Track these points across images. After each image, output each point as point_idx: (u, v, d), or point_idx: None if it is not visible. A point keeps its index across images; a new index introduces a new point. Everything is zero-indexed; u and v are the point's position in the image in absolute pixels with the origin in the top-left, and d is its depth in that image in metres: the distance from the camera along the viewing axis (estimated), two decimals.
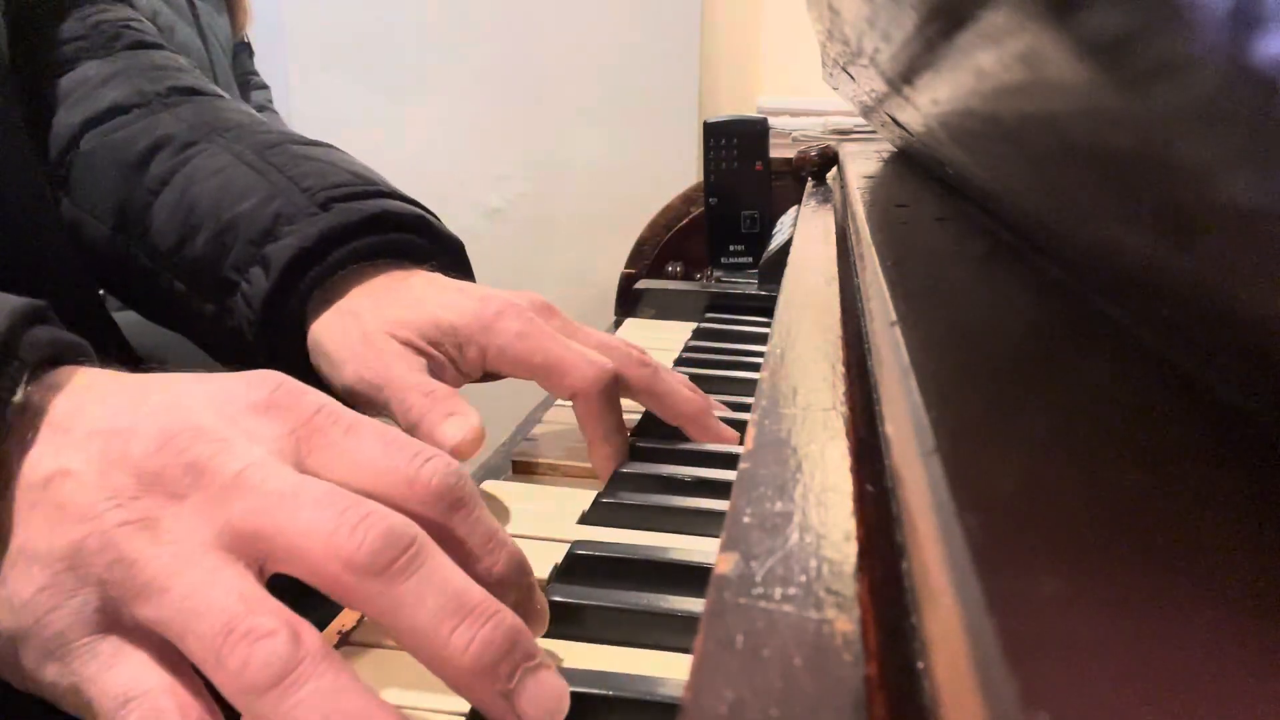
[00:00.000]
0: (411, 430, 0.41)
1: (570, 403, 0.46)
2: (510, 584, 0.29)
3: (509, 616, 0.26)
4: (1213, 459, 0.17)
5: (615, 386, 0.45)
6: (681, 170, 1.71)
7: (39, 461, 0.27)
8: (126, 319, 0.79)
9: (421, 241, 0.50)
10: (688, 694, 0.17)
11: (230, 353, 0.52)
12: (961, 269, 0.35)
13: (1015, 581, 0.13)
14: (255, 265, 0.47)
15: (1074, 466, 0.17)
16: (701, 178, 0.88)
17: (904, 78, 0.34)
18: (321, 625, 0.34)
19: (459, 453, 0.39)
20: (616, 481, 0.44)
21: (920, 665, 0.16)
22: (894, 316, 0.27)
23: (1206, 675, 0.11)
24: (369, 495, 0.27)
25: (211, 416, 0.28)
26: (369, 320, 0.45)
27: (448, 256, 0.51)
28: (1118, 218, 0.18)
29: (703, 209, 0.89)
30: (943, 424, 0.19)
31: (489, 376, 0.47)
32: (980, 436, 0.19)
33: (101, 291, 0.60)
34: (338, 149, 0.55)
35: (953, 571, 0.14)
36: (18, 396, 0.27)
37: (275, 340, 0.48)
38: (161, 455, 0.27)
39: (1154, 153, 0.14)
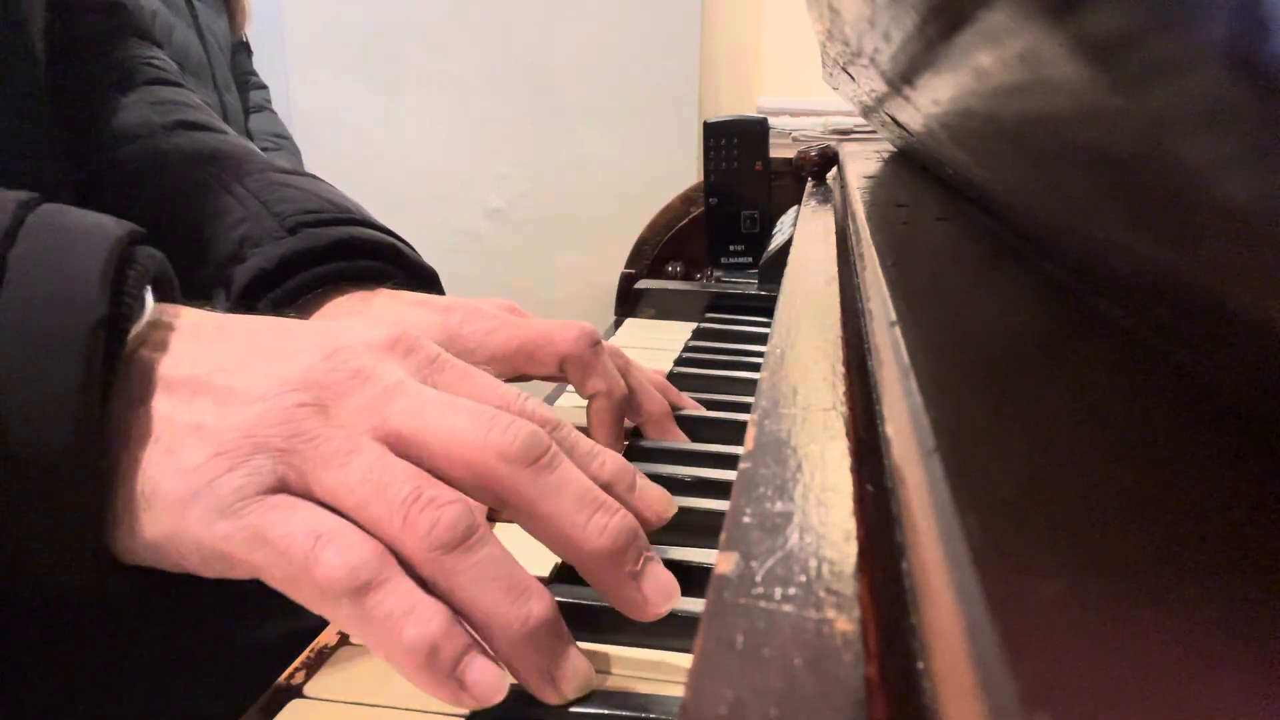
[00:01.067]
0: None
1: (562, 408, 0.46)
2: (617, 482, 0.32)
3: (630, 514, 0.30)
4: (1213, 459, 0.17)
5: (601, 344, 0.46)
6: (681, 170, 1.71)
7: (197, 360, 0.29)
8: None
9: (390, 269, 0.50)
10: (688, 694, 0.17)
11: None
12: (961, 269, 0.35)
13: (1015, 581, 0.13)
14: (219, 287, 0.48)
15: (1074, 466, 0.17)
16: (701, 178, 0.88)
17: (904, 78, 0.34)
18: (322, 625, 0.34)
19: None
20: None
21: (920, 665, 0.16)
22: (894, 316, 0.27)
23: (1207, 675, 0.11)
24: None
25: (357, 344, 0.30)
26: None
27: (419, 287, 0.51)
28: (1118, 218, 0.18)
29: (703, 209, 0.89)
30: (943, 424, 0.19)
31: None
32: (980, 436, 0.19)
33: None
34: (324, 181, 0.56)
35: (953, 571, 0.14)
36: (149, 306, 0.29)
37: None
38: (328, 363, 0.29)
39: (1154, 153, 0.14)
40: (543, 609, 0.27)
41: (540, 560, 0.35)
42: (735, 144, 0.86)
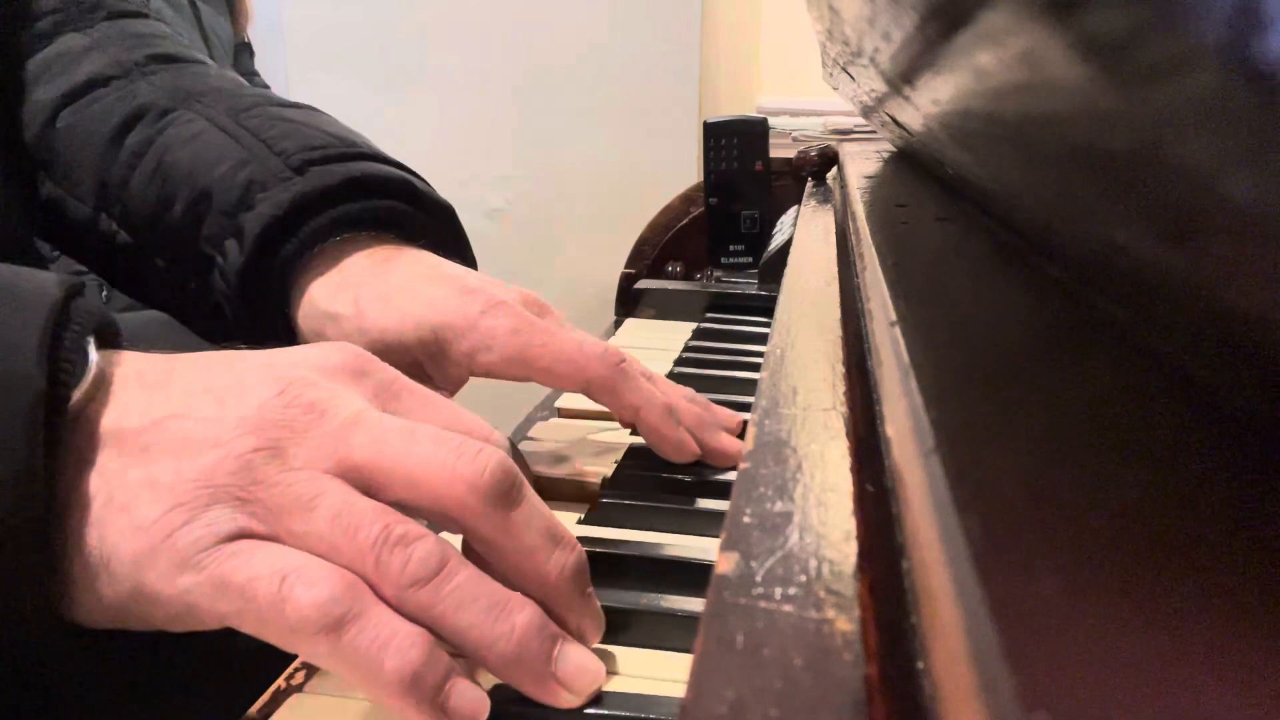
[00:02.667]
0: None
1: (558, 419, 0.45)
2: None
3: (581, 549, 0.30)
4: (1213, 459, 0.17)
5: (629, 362, 0.43)
6: (681, 170, 1.71)
7: (145, 410, 0.28)
8: (129, 319, 0.78)
9: (406, 207, 0.47)
10: (688, 694, 0.17)
11: (219, 334, 0.50)
12: (961, 269, 0.35)
13: (1015, 581, 0.13)
14: (230, 237, 0.45)
15: (1074, 466, 0.17)
16: (701, 178, 0.88)
17: (904, 78, 0.34)
18: None
19: None
20: (616, 482, 0.44)
21: (920, 665, 0.16)
22: (894, 316, 0.27)
23: (1207, 675, 0.11)
24: None
25: (312, 375, 0.29)
26: (349, 328, 0.43)
27: (437, 224, 0.49)
28: (1118, 218, 0.18)
29: (703, 209, 0.89)
30: (943, 424, 0.19)
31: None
32: (980, 436, 0.19)
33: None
34: (321, 111, 0.52)
35: (953, 571, 0.14)
36: (92, 362, 0.28)
37: (256, 318, 0.46)
38: (281, 399, 0.28)
39: (1154, 153, 0.14)
40: (526, 619, 0.27)
41: None
42: (735, 144, 0.86)
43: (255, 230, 0.44)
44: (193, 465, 0.27)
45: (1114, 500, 0.16)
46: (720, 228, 0.88)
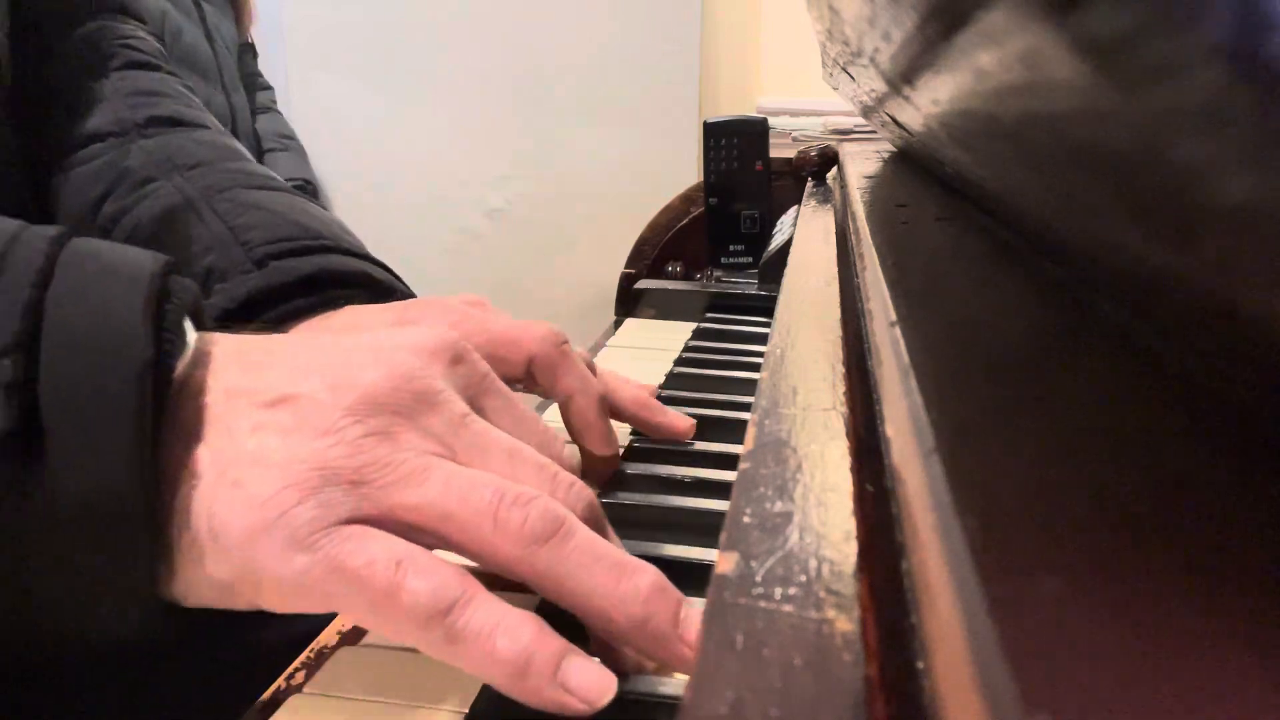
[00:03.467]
0: None
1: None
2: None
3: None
4: (1213, 459, 0.17)
5: (569, 344, 0.43)
6: (681, 170, 1.71)
7: (254, 389, 0.28)
8: None
9: (360, 294, 0.47)
10: (688, 694, 0.17)
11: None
12: (961, 269, 0.35)
13: (1015, 581, 0.13)
14: None
15: (1074, 466, 0.17)
16: (701, 178, 0.88)
17: (904, 78, 0.34)
18: (318, 629, 0.34)
19: None
20: (616, 482, 0.44)
21: (920, 665, 0.16)
22: (894, 316, 0.27)
23: (1207, 675, 0.11)
24: None
25: (415, 360, 0.30)
26: None
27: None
28: (1118, 218, 0.18)
29: (703, 209, 0.89)
30: (943, 424, 0.19)
31: None
32: (980, 436, 0.19)
33: None
34: (299, 197, 0.53)
35: (953, 571, 0.14)
36: (190, 337, 0.28)
37: None
38: (390, 382, 0.28)
39: (1154, 153, 0.14)
40: (650, 580, 0.27)
41: None
42: (735, 144, 0.86)
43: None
44: (305, 448, 0.27)
45: (1114, 500, 0.16)
46: (720, 228, 0.88)
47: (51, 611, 0.26)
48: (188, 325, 0.28)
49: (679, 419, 0.48)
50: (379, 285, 0.49)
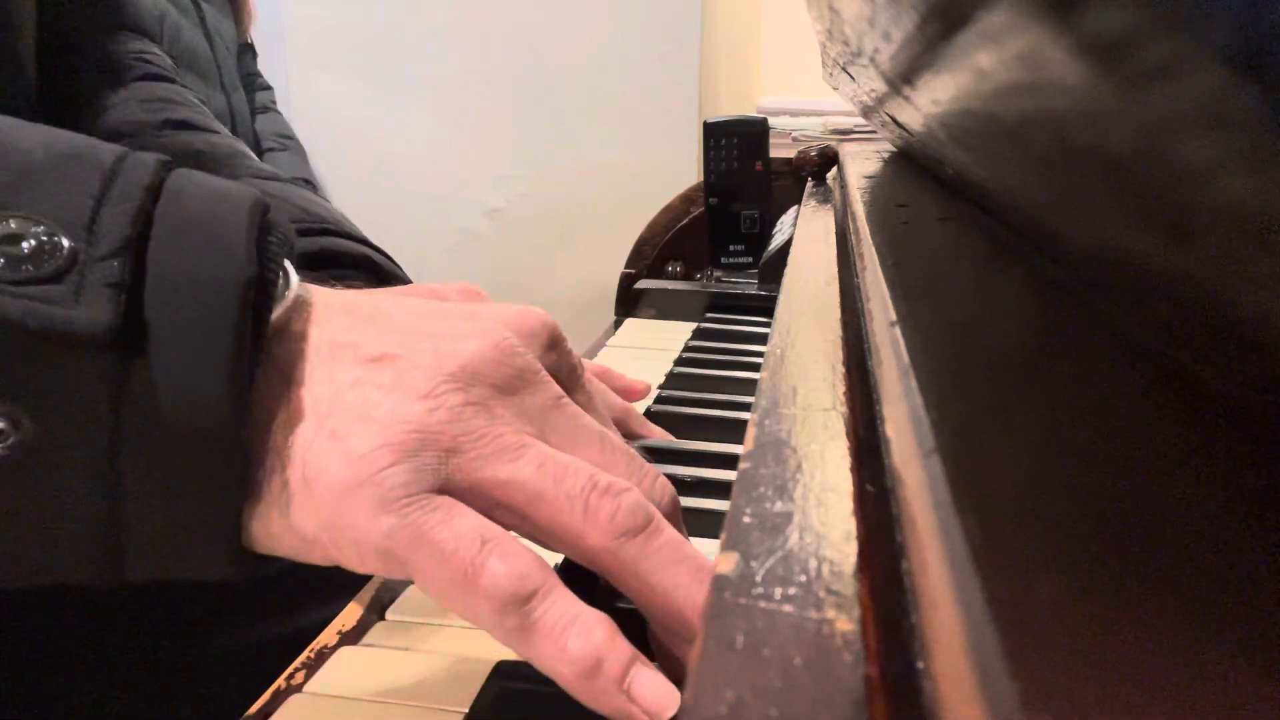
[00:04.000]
0: None
1: None
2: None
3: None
4: (1213, 459, 0.17)
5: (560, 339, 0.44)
6: (681, 170, 1.71)
7: (358, 343, 0.28)
8: None
9: (364, 278, 0.48)
10: (688, 694, 0.17)
11: None
12: (961, 269, 0.35)
13: (1015, 581, 0.13)
14: None
15: (1074, 466, 0.17)
16: (701, 178, 0.88)
17: (904, 78, 0.34)
18: (322, 625, 0.34)
19: None
20: None
21: (920, 665, 0.16)
22: (894, 316, 0.27)
23: (1206, 675, 0.11)
24: None
25: (516, 338, 0.30)
26: None
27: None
28: (1118, 218, 0.18)
29: (703, 209, 0.89)
30: (943, 424, 0.19)
31: None
32: (980, 436, 0.19)
33: None
34: (304, 189, 0.54)
35: (953, 571, 0.14)
36: (292, 277, 0.28)
37: None
38: (493, 355, 0.28)
39: (1154, 153, 0.14)
40: None
41: None
42: (735, 144, 0.86)
43: None
44: (406, 409, 0.26)
45: (1113, 500, 0.16)
46: (720, 228, 0.88)
47: (140, 530, 0.25)
48: (290, 268, 0.28)
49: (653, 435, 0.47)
50: (379, 269, 0.50)
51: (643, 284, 0.85)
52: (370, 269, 0.49)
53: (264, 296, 0.26)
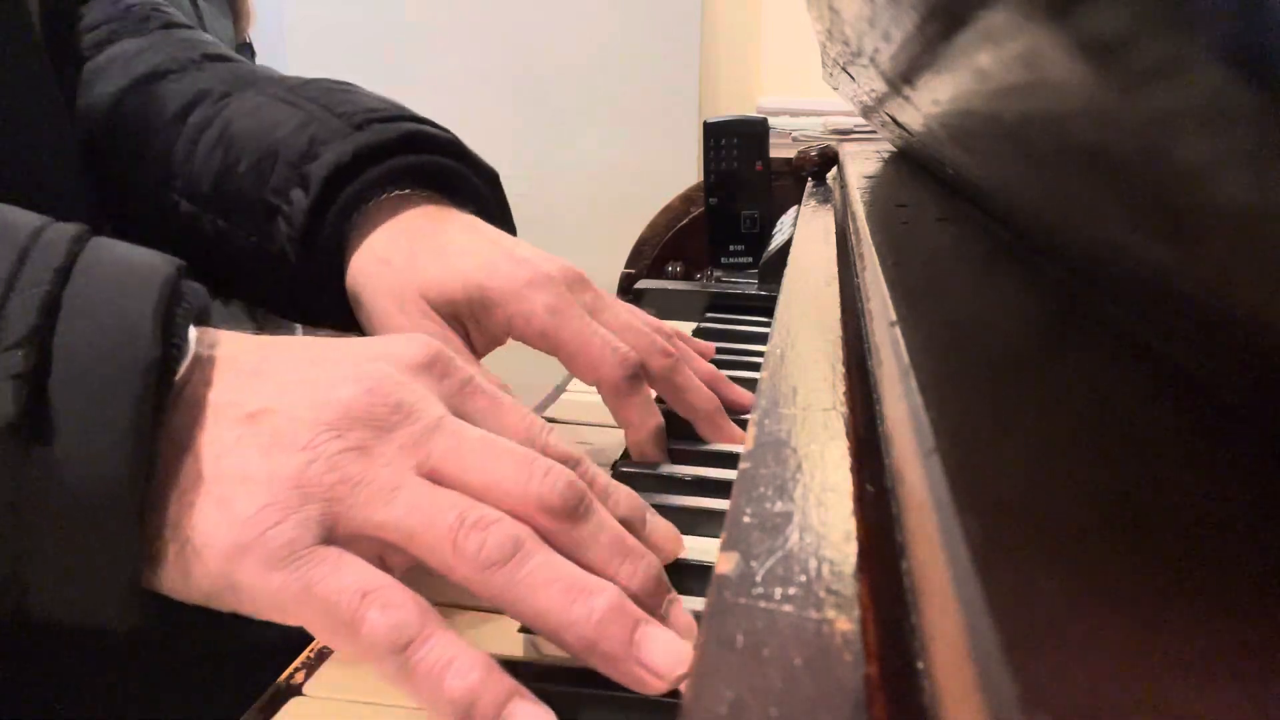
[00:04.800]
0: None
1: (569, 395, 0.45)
2: (632, 517, 0.33)
3: (654, 558, 0.31)
4: (1213, 459, 0.17)
5: (640, 375, 0.45)
6: (681, 170, 1.71)
7: (240, 401, 0.29)
8: None
9: (456, 165, 0.50)
10: (688, 694, 0.17)
11: (269, 289, 0.52)
12: (961, 269, 0.35)
13: (1015, 581, 0.13)
14: (295, 186, 0.48)
15: (1074, 466, 0.17)
16: (701, 178, 0.88)
17: (904, 78, 0.34)
18: None
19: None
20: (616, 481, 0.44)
21: (920, 665, 0.16)
22: (894, 316, 0.27)
23: (1206, 675, 0.11)
24: None
25: (395, 371, 0.30)
26: (404, 275, 0.45)
27: (484, 187, 0.52)
28: (1118, 218, 0.18)
29: (703, 209, 0.89)
30: (943, 424, 0.19)
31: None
32: (980, 436, 0.19)
33: None
34: (371, 92, 0.56)
35: (953, 571, 0.14)
36: (192, 340, 0.29)
37: (317, 261, 0.48)
38: (370, 397, 0.29)
39: (1154, 153, 0.14)
40: (606, 601, 0.27)
41: None
42: (735, 144, 0.86)
43: (321, 175, 0.46)
44: (285, 464, 0.27)
45: (1113, 500, 0.16)
46: (720, 228, 0.88)
47: (42, 597, 0.27)
48: (192, 332, 0.29)
49: (735, 432, 0.47)
50: (470, 157, 0.51)
51: (643, 284, 0.85)
52: (460, 155, 0.50)
53: (167, 373, 0.27)
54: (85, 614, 0.28)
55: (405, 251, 0.46)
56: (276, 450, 0.28)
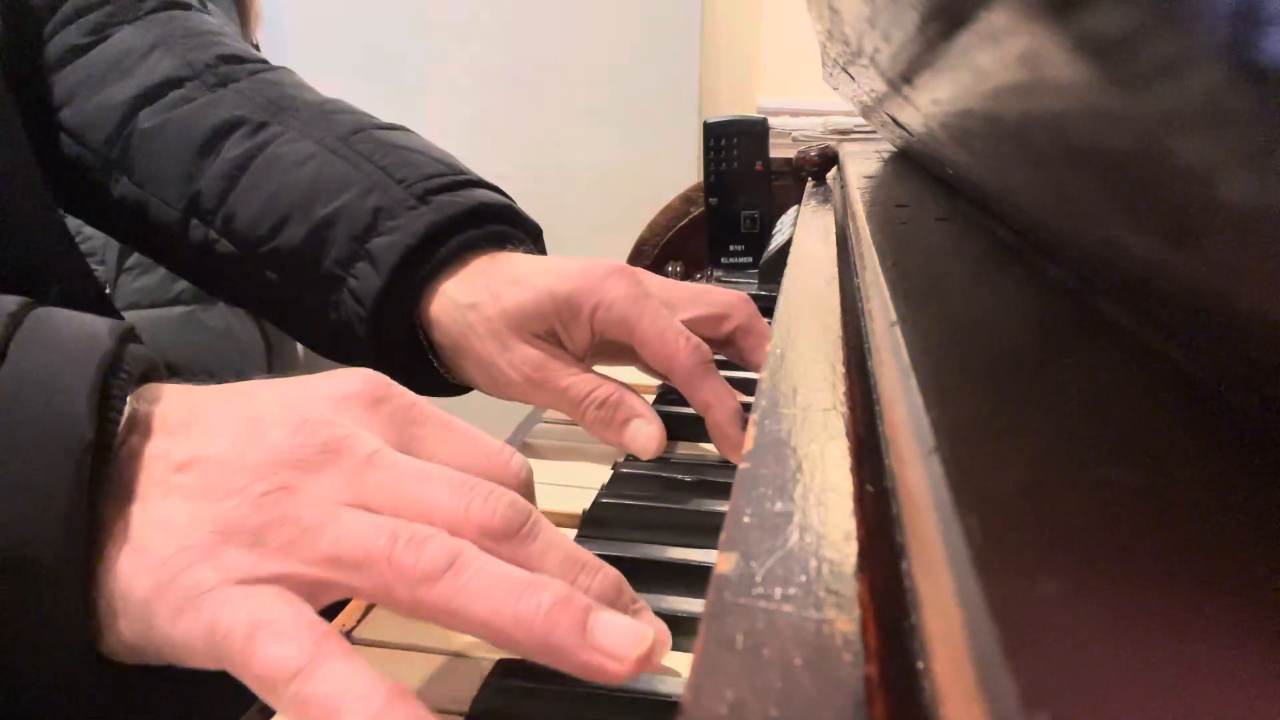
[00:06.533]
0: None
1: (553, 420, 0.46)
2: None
3: (611, 569, 0.30)
4: (1213, 459, 0.17)
5: (711, 361, 0.46)
6: (681, 170, 1.71)
7: (168, 453, 0.29)
8: (136, 318, 0.76)
9: (515, 232, 0.51)
10: (688, 694, 0.17)
11: (328, 340, 0.52)
12: (961, 269, 0.35)
13: (1015, 581, 0.13)
14: (361, 261, 0.48)
15: (1074, 466, 0.17)
16: (701, 178, 0.88)
17: (904, 78, 0.34)
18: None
19: (646, 455, 0.45)
20: (617, 482, 0.44)
21: (920, 665, 0.16)
22: (894, 316, 0.27)
23: (1206, 675, 0.11)
24: None
25: (327, 409, 0.30)
26: (492, 313, 0.46)
27: (531, 243, 0.53)
28: (1118, 218, 0.18)
29: (703, 209, 0.89)
30: (943, 424, 0.19)
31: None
32: (980, 436, 0.19)
33: (109, 291, 0.60)
34: (413, 132, 0.56)
35: (953, 571, 0.14)
36: (128, 405, 0.29)
37: (387, 335, 0.49)
38: (296, 438, 0.28)
39: (1154, 153, 0.14)
40: (553, 594, 0.26)
41: None
42: (735, 144, 0.86)
43: (393, 258, 0.48)
44: (208, 510, 0.27)
45: (1114, 500, 0.16)
46: (720, 228, 0.88)
47: (7, 668, 0.27)
48: (132, 394, 0.29)
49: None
50: (521, 220, 0.53)
51: None
52: (513, 220, 0.52)
53: (103, 449, 0.28)
54: (57, 683, 0.28)
55: (484, 290, 0.47)
56: (201, 496, 0.27)
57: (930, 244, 0.40)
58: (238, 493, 0.27)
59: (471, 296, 0.47)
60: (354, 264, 0.48)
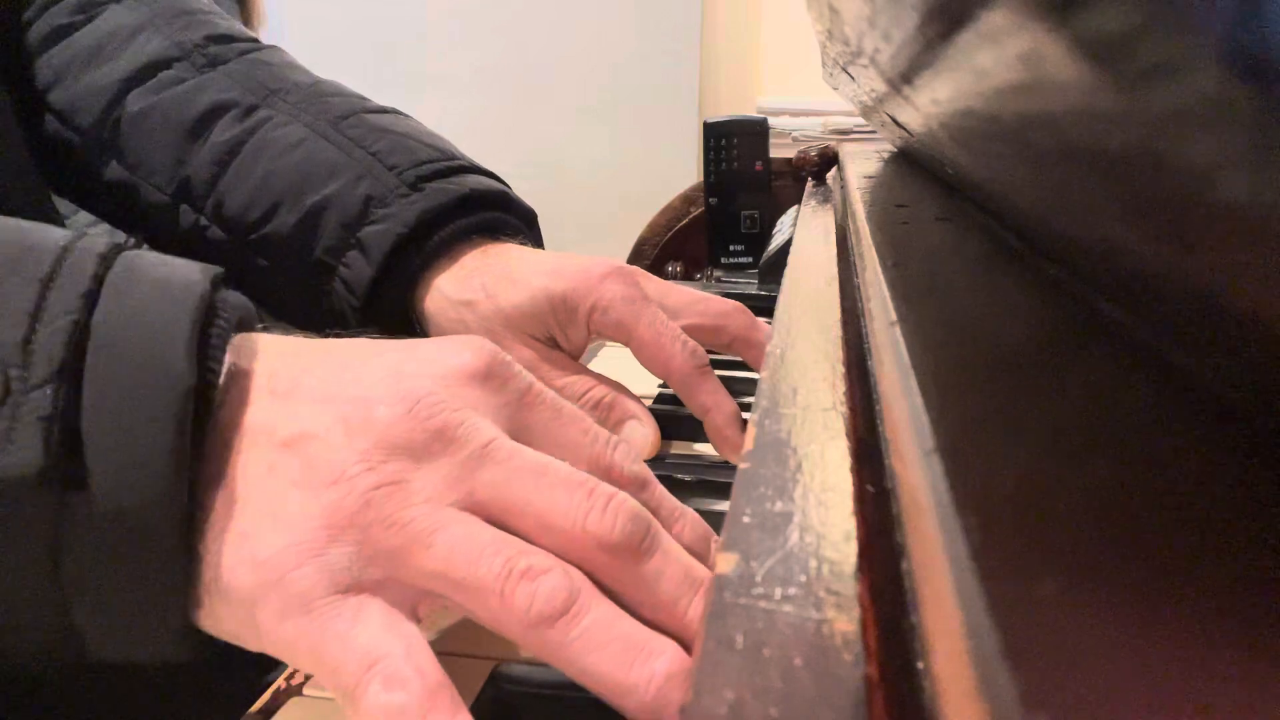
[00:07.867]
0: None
1: None
2: (697, 544, 0.31)
3: None
4: (1213, 459, 0.17)
5: (709, 365, 0.46)
6: (681, 170, 1.71)
7: (272, 425, 0.27)
8: None
9: (508, 218, 0.51)
10: (688, 694, 0.17)
11: (321, 330, 0.52)
12: (961, 269, 0.35)
13: (1015, 581, 0.13)
14: (352, 250, 0.48)
15: (1074, 466, 0.17)
16: (701, 178, 0.88)
17: (904, 78, 0.34)
18: None
19: (641, 456, 0.42)
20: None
21: (920, 665, 0.16)
22: (894, 316, 0.27)
23: (1206, 675, 0.11)
24: None
25: (440, 386, 0.28)
26: (488, 312, 0.46)
27: (525, 228, 0.53)
28: (1118, 218, 0.18)
29: (703, 209, 0.89)
30: (943, 424, 0.19)
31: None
32: (980, 436, 0.19)
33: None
34: (405, 115, 0.55)
35: (953, 571, 0.14)
36: (227, 357, 0.27)
37: (380, 326, 0.48)
38: (407, 421, 0.27)
39: (1154, 153, 0.14)
40: (665, 665, 0.25)
41: None
42: (735, 144, 0.86)
43: (385, 246, 0.47)
44: (315, 500, 0.26)
45: (1114, 500, 0.16)
46: (720, 228, 0.88)
47: (95, 641, 0.26)
48: (230, 344, 0.28)
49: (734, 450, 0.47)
50: (515, 205, 0.52)
51: None
52: (507, 206, 0.51)
53: (204, 401, 0.26)
54: (141, 653, 0.26)
55: (480, 289, 0.47)
56: (307, 484, 0.26)
57: (930, 244, 0.40)
58: (347, 481, 0.26)
59: (466, 294, 0.47)
60: (345, 253, 0.48)
